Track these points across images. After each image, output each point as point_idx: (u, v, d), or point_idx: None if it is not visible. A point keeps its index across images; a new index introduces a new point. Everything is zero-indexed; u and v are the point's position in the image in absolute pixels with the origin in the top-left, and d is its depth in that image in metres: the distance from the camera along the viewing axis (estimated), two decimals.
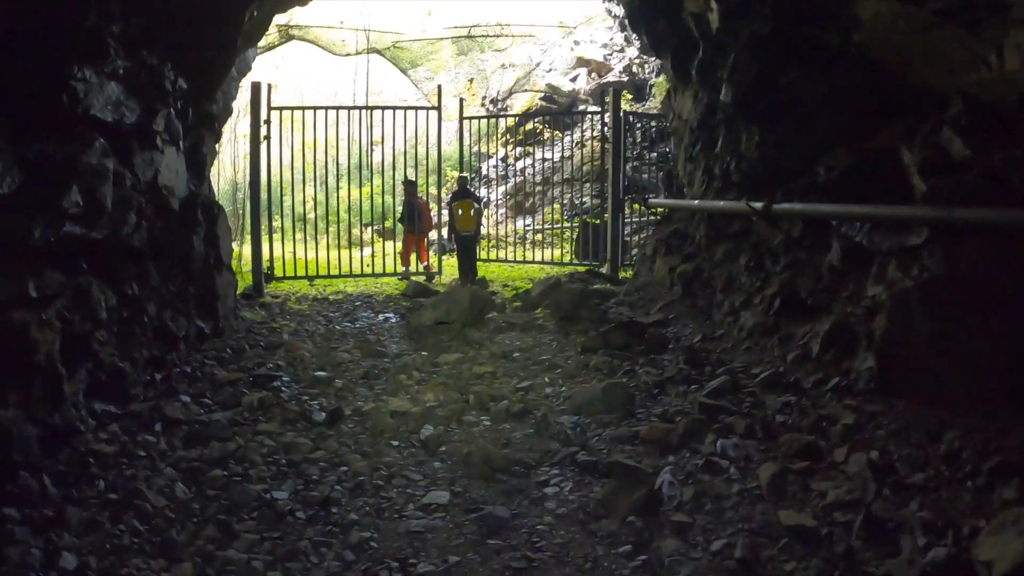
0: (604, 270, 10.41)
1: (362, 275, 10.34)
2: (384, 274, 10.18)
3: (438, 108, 9.39)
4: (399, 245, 11.20)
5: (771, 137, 6.07)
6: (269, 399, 5.02)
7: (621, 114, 10.15)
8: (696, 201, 6.91)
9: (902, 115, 4.72)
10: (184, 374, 5.68)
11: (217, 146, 9.32)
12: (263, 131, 9.69)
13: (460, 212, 9.91)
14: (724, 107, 6.69)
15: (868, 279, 4.74)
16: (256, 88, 9.66)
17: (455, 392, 5.13)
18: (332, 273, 10.40)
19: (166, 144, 6.38)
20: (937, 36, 4.06)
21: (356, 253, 13.29)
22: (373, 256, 12.28)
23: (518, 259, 10.72)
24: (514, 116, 12.72)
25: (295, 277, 10.22)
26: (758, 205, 5.66)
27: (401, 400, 4.93)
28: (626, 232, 10.76)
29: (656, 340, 5.96)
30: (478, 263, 11.47)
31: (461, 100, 10.44)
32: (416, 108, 9.50)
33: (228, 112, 9.02)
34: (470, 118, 10.67)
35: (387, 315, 8.24)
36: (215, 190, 8.17)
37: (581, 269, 10.58)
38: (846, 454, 3.65)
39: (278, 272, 10.67)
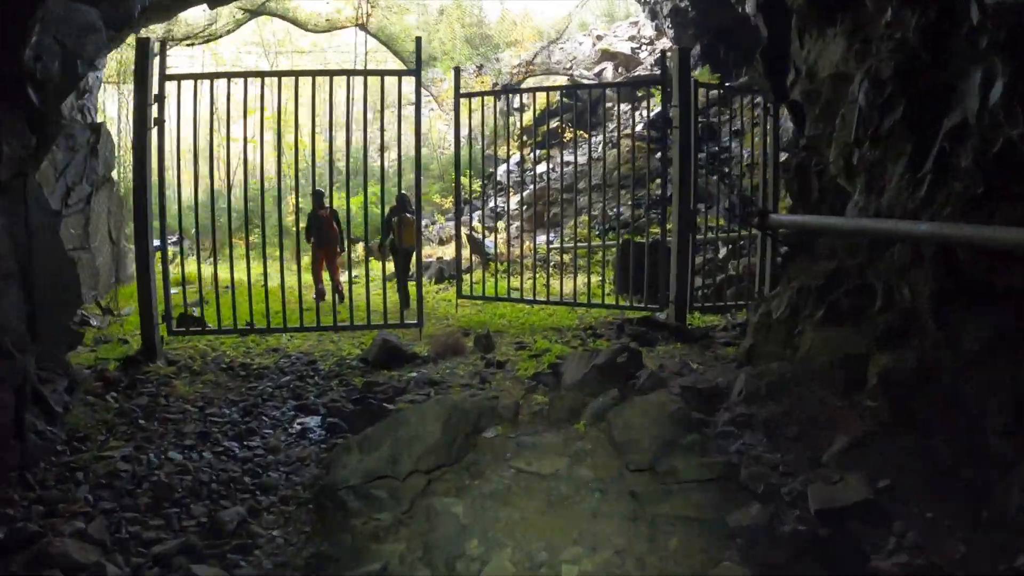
0: (664, 316, 6.51)
1: (301, 328, 6.45)
2: (336, 327, 6.31)
3: (416, 72, 5.55)
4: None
5: None
6: None
7: (692, 83, 6.23)
8: (923, 225, 2.97)
9: None
10: None
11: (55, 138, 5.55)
12: (152, 111, 5.92)
13: (403, 227, 7.90)
14: (999, 18, 2.76)
15: None
16: (142, 48, 5.89)
17: None
18: (265, 323, 6.54)
19: None
20: None
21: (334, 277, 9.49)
22: (351, 282, 8.43)
23: (538, 299, 6.85)
24: (531, 91, 8.58)
25: (203, 331, 6.41)
26: None
27: None
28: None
29: None
30: (479, 302, 7.62)
31: (457, 70, 6.61)
32: (382, 73, 5.65)
33: (70, 80, 5.23)
34: (468, 95, 6.86)
35: (310, 420, 4.41)
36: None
37: (631, 314, 6.68)
38: None
39: (210, 317, 6.93)
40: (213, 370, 5.76)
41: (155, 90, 5.92)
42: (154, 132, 5.95)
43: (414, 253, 8.32)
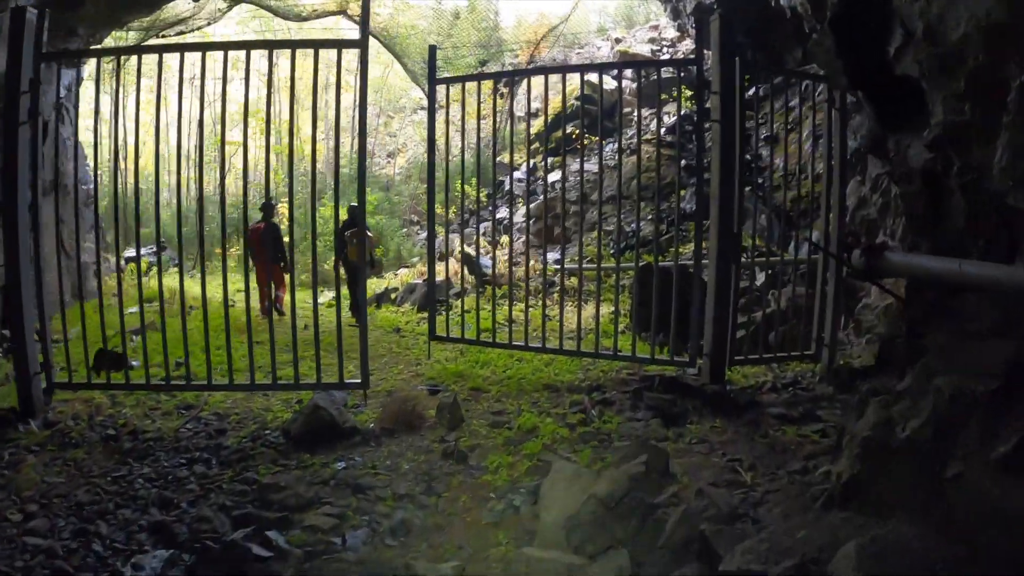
0: (696, 372, 4.81)
1: (208, 387, 4.77)
2: (253, 385, 4.64)
3: (361, 44, 3.93)
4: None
5: None
6: None
7: (736, 61, 4.56)
8: None
9: None
10: None
11: None
12: (26, 100, 4.41)
13: (355, 241, 6.99)
14: None
15: None
16: (16, 19, 4.39)
17: None
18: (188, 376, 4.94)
19: None
20: None
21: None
22: (336, 305, 6.81)
23: (532, 345, 5.15)
24: (524, 74, 6.76)
25: (88, 385, 4.86)
26: None
27: None
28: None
29: None
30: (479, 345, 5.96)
31: (432, 49, 4.99)
32: (316, 44, 4.02)
33: None
34: (446, 80, 5.23)
35: (148, 566, 2.79)
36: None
37: (651, 368, 4.99)
38: None
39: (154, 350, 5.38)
40: (93, 439, 4.21)
41: (29, 72, 4.40)
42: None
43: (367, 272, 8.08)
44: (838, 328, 5.53)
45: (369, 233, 9.45)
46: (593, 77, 18.03)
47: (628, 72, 19.36)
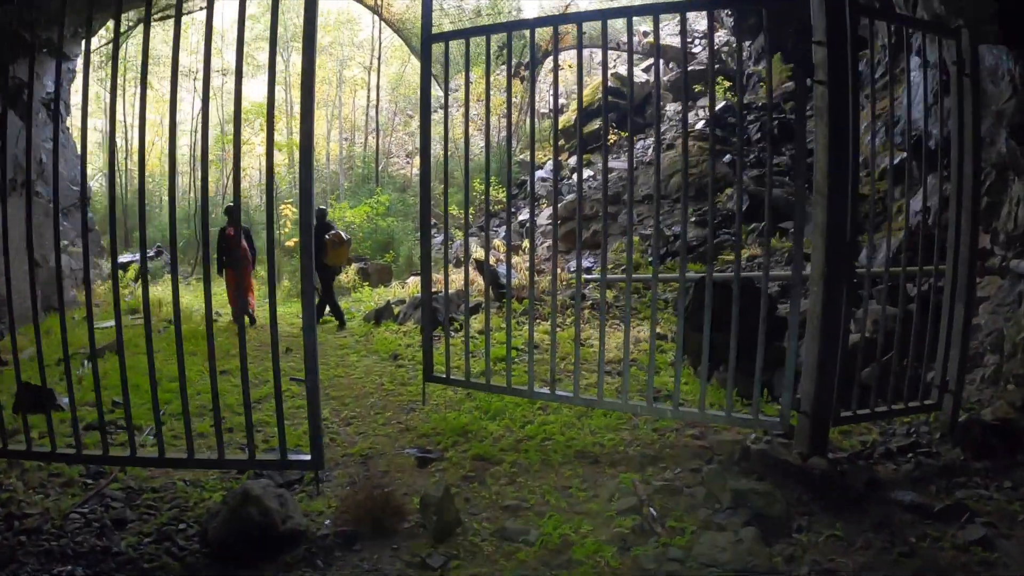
0: (783, 434, 3.40)
1: (103, 458, 3.40)
2: (164, 460, 3.30)
3: None
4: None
5: None
6: None
7: (846, 2, 3.14)
8: None
9: None
10: None
11: None
12: None
13: (330, 245, 7.40)
14: None
15: None
16: None
17: None
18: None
19: None
20: None
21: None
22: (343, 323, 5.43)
23: (558, 393, 3.77)
24: (551, 22, 5.21)
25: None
26: None
27: None
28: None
29: None
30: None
31: None
32: None
33: None
34: (445, 37, 3.93)
35: None
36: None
37: (719, 426, 3.58)
38: None
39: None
40: None
41: None
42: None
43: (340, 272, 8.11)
44: (966, 370, 4.08)
45: (344, 235, 8.20)
46: (622, 70, 16.51)
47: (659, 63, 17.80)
